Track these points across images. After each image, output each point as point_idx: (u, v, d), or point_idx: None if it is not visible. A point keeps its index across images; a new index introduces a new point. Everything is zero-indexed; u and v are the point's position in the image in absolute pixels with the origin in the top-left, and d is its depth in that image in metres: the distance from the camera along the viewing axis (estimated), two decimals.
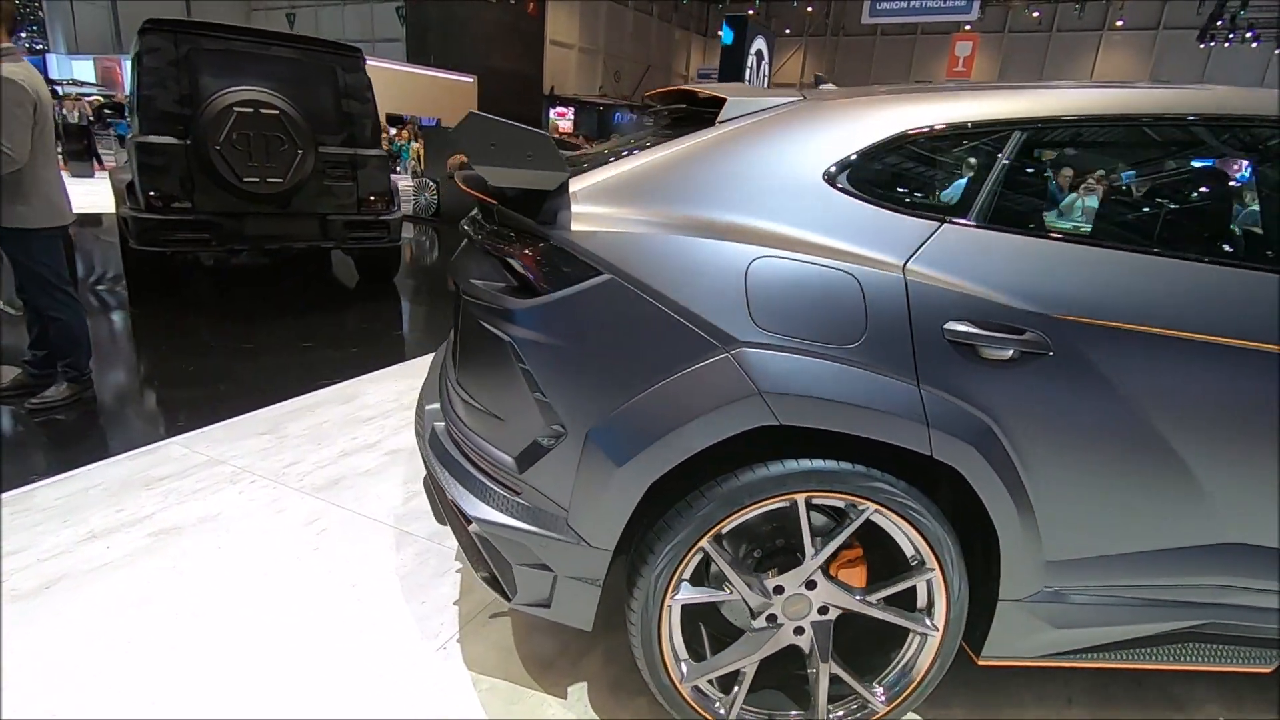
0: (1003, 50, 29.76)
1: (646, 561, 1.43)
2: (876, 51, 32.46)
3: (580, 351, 1.39)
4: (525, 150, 1.36)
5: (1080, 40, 28.88)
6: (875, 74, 32.49)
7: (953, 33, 26.91)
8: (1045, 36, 29.34)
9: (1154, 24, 27.50)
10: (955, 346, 1.36)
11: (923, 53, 31.63)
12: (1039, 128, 1.49)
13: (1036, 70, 29.61)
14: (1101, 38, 28.57)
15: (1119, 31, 28.19)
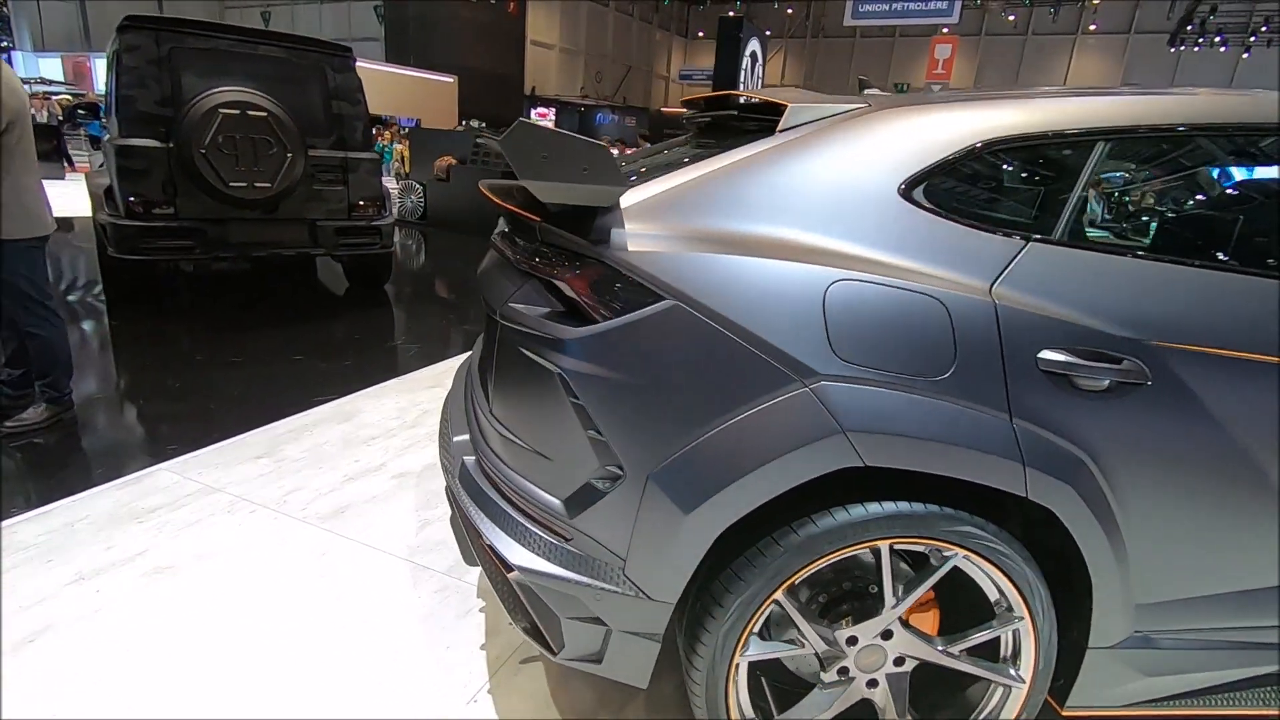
0: (979, 53, 30.10)
1: (713, 616, 1.30)
2: (856, 53, 32.67)
3: (641, 385, 1.26)
4: (580, 163, 1.23)
5: (1055, 44, 29.31)
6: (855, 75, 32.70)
7: (931, 35, 27.18)
8: (1020, 40, 29.73)
9: (1126, 28, 27.98)
10: (1049, 377, 1.25)
11: (902, 55, 31.91)
12: (1127, 137, 1.39)
13: (1012, 73, 29.98)
14: (1075, 41, 29.01)
15: (1092, 35, 28.64)
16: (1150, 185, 1.66)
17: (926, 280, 1.26)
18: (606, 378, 1.26)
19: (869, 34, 31.89)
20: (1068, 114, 1.38)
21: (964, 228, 1.32)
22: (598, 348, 1.26)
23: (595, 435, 1.29)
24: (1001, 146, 1.35)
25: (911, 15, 15.18)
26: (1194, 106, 1.40)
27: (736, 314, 1.23)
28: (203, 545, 2.20)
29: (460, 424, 1.74)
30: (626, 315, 1.25)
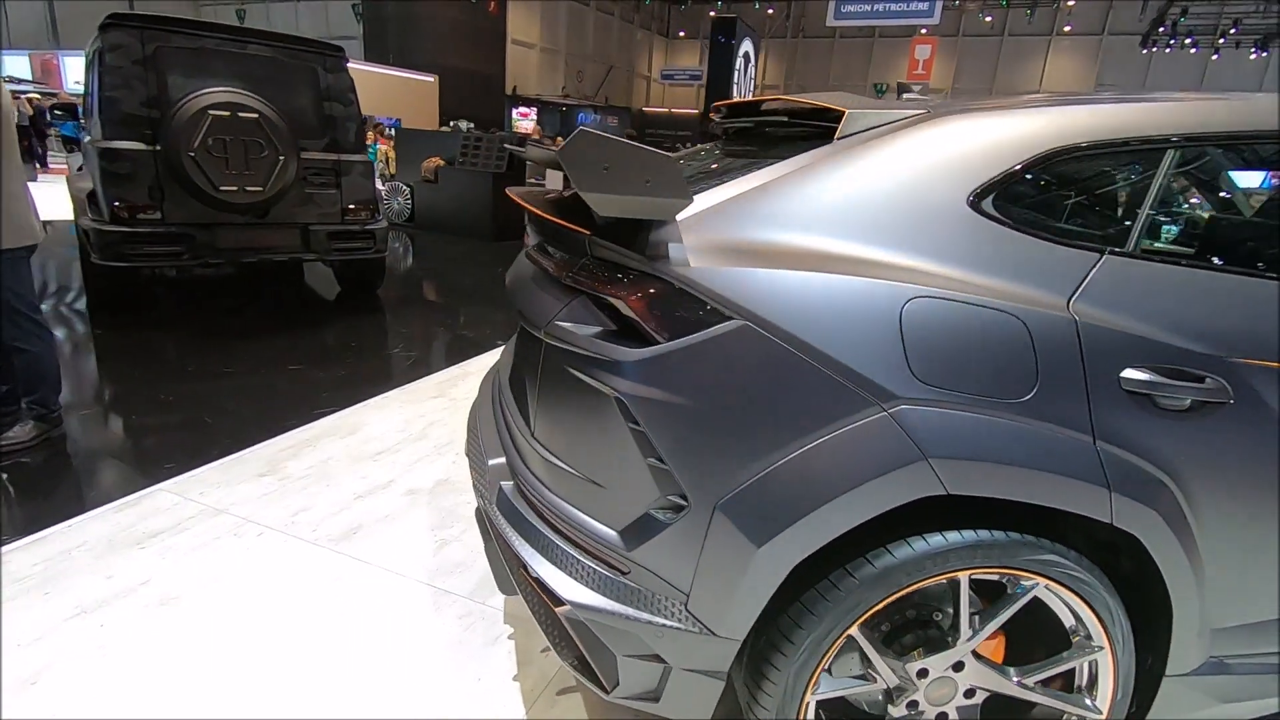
0: (957, 53, 30.39)
1: (783, 653, 1.24)
2: (836, 53, 32.84)
3: (707, 410, 1.18)
4: (645, 174, 1.15)
5: (1030, 44, 29.67)
6: (835, 75, 32.87)
7: (910, 35, 27.40)
8: (997, 41, 30.06)
9: (1099, 30, 28.40)
10: (1132, 397, 1.20)
11: (881, 55, 32.12)
12: (1204, 144, 1.34)
13: (990, 74, 30.31)
14: (1050, 42, 29.40)
15: (1067, 37, 29.04)
16: (1226, 195, 1.62)
17: (1000, 296, 1.20)
18: (670, 402, 1.19)
19: (848, 34, 32.08)
20: (1140, 119, 1.33)
21: (1036, 240, 1.26)
22: (660, 370, 1.19)
23: (656, 463, 1.21)
24: (1072, 154, 1.30)
25: (892, 16, 15.27)
26: (1268, 112, 1.36)
27: (809, 334, 1.16)
28: (210, 572, 2.09)
29: (494, 445, 1.66)
30: (692, 336, 1.18)
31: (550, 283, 1.44)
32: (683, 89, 33.23)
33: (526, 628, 1.95)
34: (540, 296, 1.46)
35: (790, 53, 33.34)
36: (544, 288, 1.46)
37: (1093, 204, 1.38)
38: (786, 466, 1.16)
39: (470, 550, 2.28)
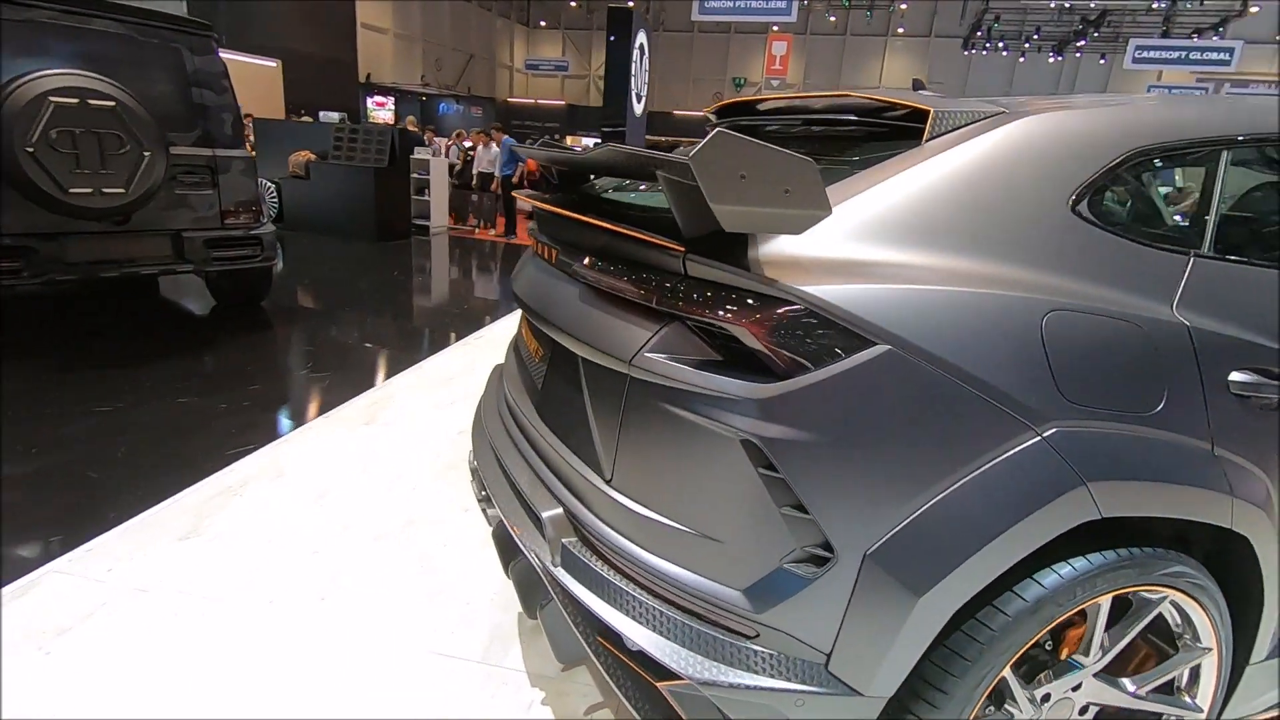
0: (806, 51, 32.10)
1: (932, 704, 1.14)
2: (695, 48, 33.63)
3: (853, 447, 1.06)
4: (784, 182, 0.99)
5: (870, 44, 31.88)
6: (695, 69, 33.66)
7: (763, 32, 28.56)
8: (841, 40, 32.07)
9: (927, 32, 31.02)
10: (1239, 400, 1.21)
11: (738, 50, 33.22)
12: (1265, 144, 1.38)
13: (836, 71, 32.21)
14: (886, 42, 31.76)
15: (900, 38, 31.49)
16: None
17: (1111, 304, 1.17)
18: (810, 442, 1.05)
19: (706, 29, 32.91)
20: (1203, 119, 1.35)
21: (1133, 244, 1.24)
22: (798, 406, 1.05)
23: (794, 512, 1.07)
24: (1153, 154, 1.29)
25: (753, 13, 15.77)
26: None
27: (957, 356, 1.07)
28: (145, 679, 1.69)
29: (540, 495, 1.43)
30: (833, 365, 1.04)
31: (621, 306, 1.25)
32: (548, 80, 32.69)
33: (559, 688, 1.74)
34: (606, 321, 1.26)
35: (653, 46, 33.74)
36: (610, 311, 1.26)
37: (1173, 205, 1.39)
38: (944, 503, 1.05)
39: (464, 604, 2.02)
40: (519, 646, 1.87)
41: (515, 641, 1.89)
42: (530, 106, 30.66)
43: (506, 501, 1.52)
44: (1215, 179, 1.33)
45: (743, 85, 31.72)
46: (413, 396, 3.60)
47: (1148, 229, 1.31)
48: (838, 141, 1.55)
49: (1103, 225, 1.23)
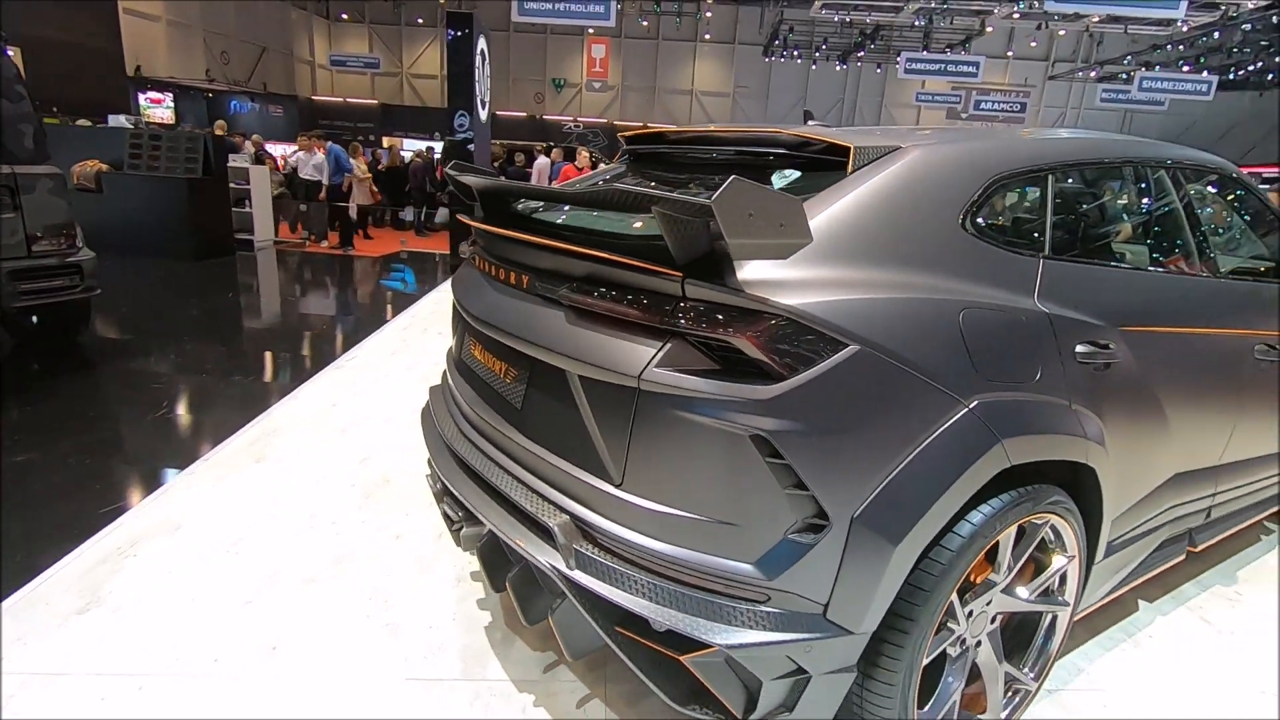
0: (621, 54, 33.04)
1: (905, 631, 1.41)
2: (512, 47, 33.34)
3: (839, 431, 1.29)
4: (779, 217, 1.19)
5: (680, 48, 33.48)
6: (513, 69, 33.41)
7: (579, 33, 29.04)
8: (654, 43, 33.38)
9: (731, 39, 33.21)
10: (1080, 364, 1.60)
11: (556, 51, 33.38)
12: (1086, 168, 1.85)
13: (651, 74, 33.44)
14: (695, 47, 33.55)
15: (708, 44, 33.42)
16: (1111, 208, 2.17)
17: (996, 300, 1.51)
18: (807, 431, 1.26)
19: (522, 29, 32.72)
20: (1049, 150, 1.76)
21: (1003, 251, 1.60)
22: (799, 402, 1.26)
23: (797, 491, 1.28)
24: (1008, 179, 1.66)
25: (573, 15, 16.02)
26: (1122, 145, 1.91)
27: (907, 350, 1.33)
28: None
29: (540, 506, 1.51)
30: (818, 366, 1.27)
31: (618, 326, 1.38)
32: (356, 77, 30.72)
33: (547, 687, 1.83)
34: (605, 342, 1.39)
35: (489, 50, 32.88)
36: (608, 331, 1.39)
37: (1024, 218, 1.77)
38: (908, 468, 1.32)
39: (427, 629, 2.03)
40: (495, 659, 1.93)
41: (491, 655, 1.94)
42: (339, 105, 28.75)
43: (499, 518, 1.59)
44: (1048, 196, 1.73)
45: (563, 86, 32.03)
46: (299, 428, 3.40)
47: (1011, 239, 1.67)
48: (761, 170, 1.79)
49: (982, 238, 1.57)
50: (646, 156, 2.25)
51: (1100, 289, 1.73)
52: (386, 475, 2.96)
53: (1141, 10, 12.93)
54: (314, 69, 31.79)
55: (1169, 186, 2.15)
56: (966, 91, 23.05)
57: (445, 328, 5.60)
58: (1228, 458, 2.19)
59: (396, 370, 4.40)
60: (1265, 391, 2.24)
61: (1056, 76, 27.02)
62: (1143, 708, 1.89)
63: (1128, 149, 2.06)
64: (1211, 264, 2.16)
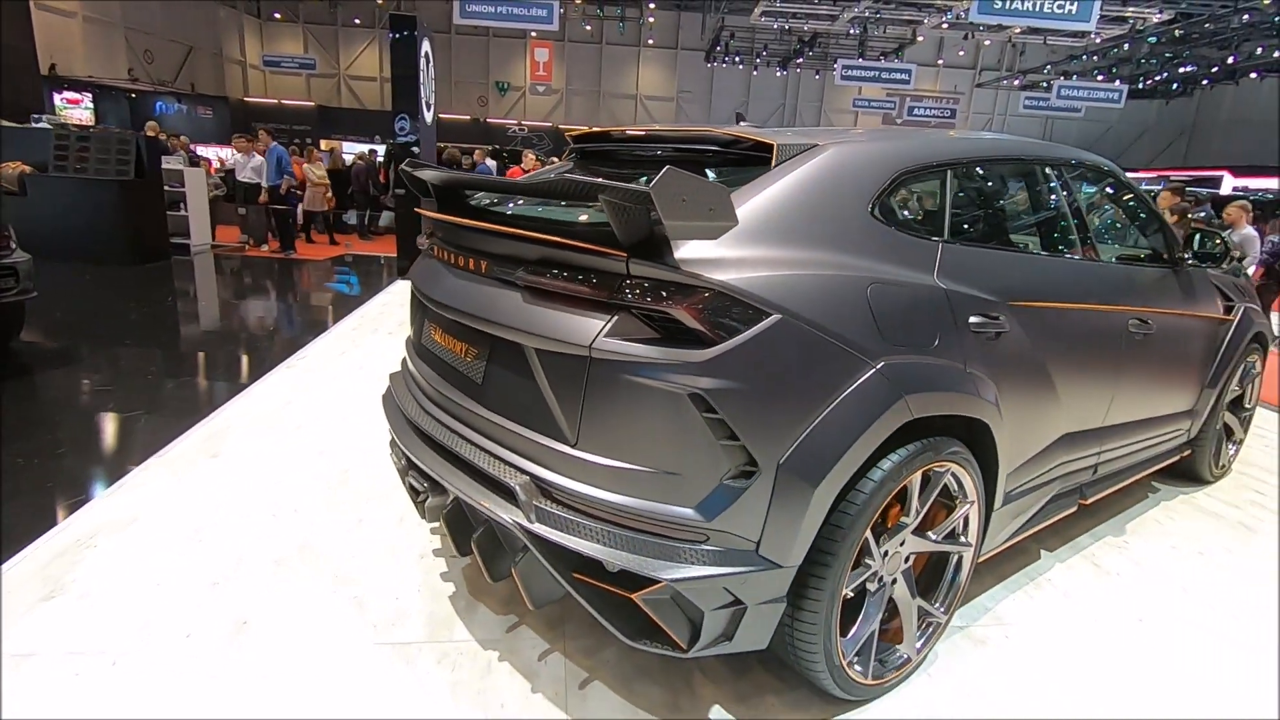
0: (565, 58, 33.11)
1: (827, 565, 1.61)
2: (455, 49, 33.03)
3: (765, 389, 1.48)
4: (709, 203, 1.38)
5: (624, 53, 33.76)
6: (456, 72, 33.12)
7: (522, 37, 29.01)
8: (597, 48, 33.56)
9: (674, 44, 33.66)
10: (974, 333, 1.84)
11: (499, 54, 33.22)
12: (981, 165, 2.11)
13: (595, 78, 33.61)
14: (639, 52, 33.88)
15: (651, 49, 33.78)
16: (1003, 199, 2.43)
17: (900, 277, 1.73)
18: (738, 389, 1.45)
19: (464, 31, 32.46)
20: (944, 149, 2.00)
21: (907, 235, 1.83)
22: (730, 364, 1.45)
23: (730, 442, 1.47)
24: (911, 174, 1.89)
25: (516, 19, 16.07)
26: (1014, 145, 2.17)
27: (823, 319, 1.54)
28: None
29: (503, 470, 1.66)
30: (746, 332, 1.46)
31: (570, 303, 1.54)
32: (291, 78, 29.92)
33: (510, 644, 1.98)
34: (558, 318, 1.55)
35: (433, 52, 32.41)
36: (561, 308, 1.55)
37: (925, 208, 2.01)
38: (825, 420, 1.52)
39: (393, 599, 2.15)
40: (460, 623, 2.06)
41: (456, 620, 2.07)
42: (274, 107, 28.00)
43: (464, 484, 1.73)
44: (946, 188, 1.98)
45: (506, 90, 31.90)
46: (253, 426, 3.43)
47: (913, 225, 1.90)
48: (696, 164, 1.98)
49: (890, 223, 1.79)
50: (593, 154, 2.42)
51: (991, 269, 1.98)
52: (345, 468, 3.03)
53: (1057, 23, 13.77)
54: (245, 69, 30.82)
55: (1054, 182, 2.44)
56: (900, 98, 24.02)
57: (395, 328, 5.64)
58: (1110, 420, 2.49)
59: (348, 370, 4.45)
60: (1140, 362, 2.55)
61: (984, 84, 28.37)
62: (1041, 638, 2.15)
63: (1018, 148, 2.34)
64: (1091, 249, 2.45)
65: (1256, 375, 3.51)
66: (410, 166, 2.17)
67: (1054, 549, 2.69)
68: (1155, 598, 2.42)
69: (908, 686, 1.91)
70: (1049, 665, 2.03)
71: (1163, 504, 3.19)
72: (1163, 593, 2.45)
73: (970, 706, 1.85)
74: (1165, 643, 2.17)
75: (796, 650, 1.69)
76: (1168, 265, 2.79)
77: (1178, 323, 2.77)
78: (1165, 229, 2.86)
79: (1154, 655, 2.11)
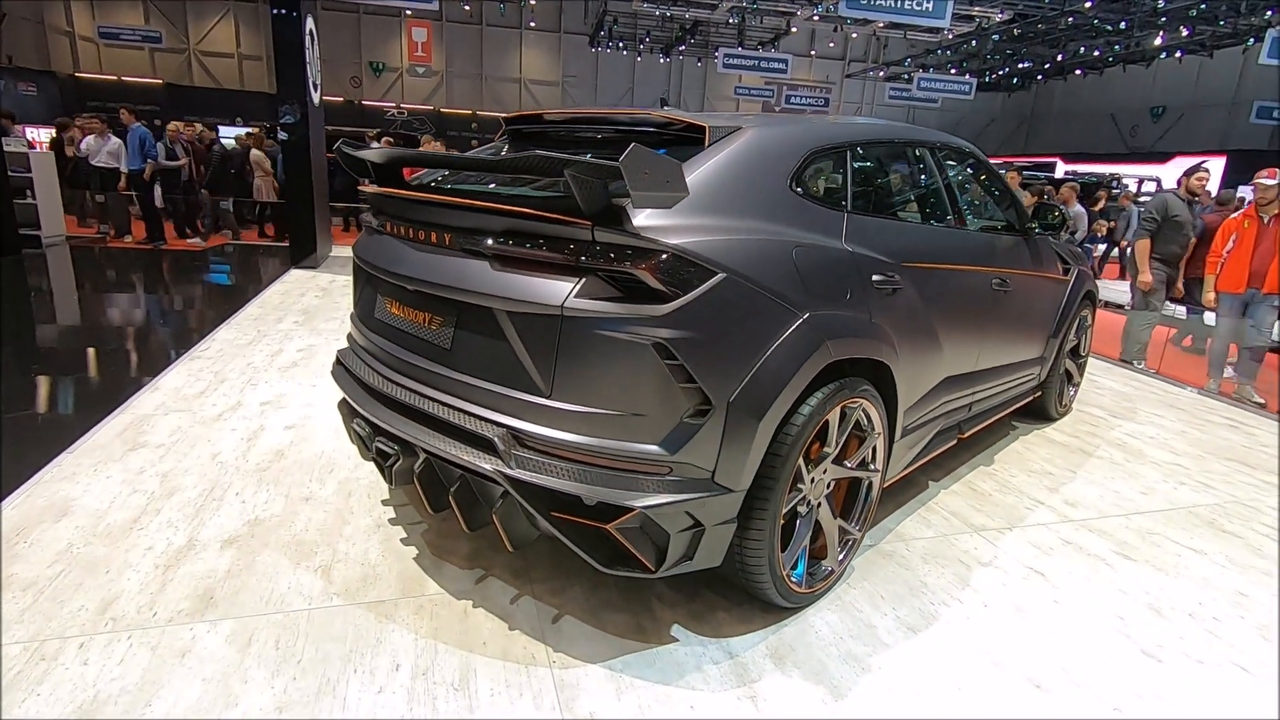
0: (444, 38, 32.02)
1: (769, 489, 1.88)
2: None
3: (715, 337, 1.73)
4: (665, 176, 1.59)
5: (506, 36, 33.07)
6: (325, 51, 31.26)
7: (396, 15, 27.81)
8: (478, 29, 32.68)
9: (556, 28, 33.35)
10: (876, 290, 2.17)
11: (372, 33, 31.67)
12: (875, 146, 2.44)
13: (477, 60, 32.72)
14: (521, 35, 33.32)
15: (534, 31, 33.31)
16: (892, 176, 2.77)
17: (816, 241, 2.03)
18: (694, 338, 1.69)
19: (331, 7, 30.67)
20: (848, 132, 2.32)
21: (819, 206, 2.12)
22: (685, 317, 1.68)
23: (689, 385, 1.70)
24: (821, 153, 2.19)
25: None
26: (900, 129, 2.51)
27: (760, 276, 1.80)
28: None
29: (479, 425, 1.81)
30: (699, 289, 1.69)
31: (538, 269, 1.71)
32: (133, 52, 27.11)
33: (482, 593, 2.13)
34: (529, 282, 1.72)
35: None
36: (531, 274, 1.72)
37: (835, 183, 2.31)
38: (766, 362, 1.79)
39: (362, 564, 2.23)
40: (430, 579, 2.18)
41: (425, 576, 2.19)
42: (113, 84, 25.39)
43: (440, 442, 1.86)
44: (848, 166, 2.29)
45: (382, 71, 30.53)
46: (171, 415, 3.31)
47: (824, 197, 2.20)
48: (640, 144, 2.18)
49: (805, 195, 2.08)
50: (527, 135, 2.56)
51: (886, 235, 2.32)
52: (279, 450, 3.02)
53: (917, 19, 14.97)
54: (75, 41, 27.59)
55: (932, 161, 2.84)
56: (778, 86, 25.15)
57: (300, 315, 5.47)
58: (980, 365, 2.94)
59: (260, 358, 4.31)
60: (1002, 315, 3.03)
61: (852, 75, 30.17)
62: (935, 548, 2.55)
63: (903, 132, 2.71)
64: (961, 219, 2.88)
65: (1088, 327, 4.17)
66: (350, 148, 2.23)
67: (938, 479, 3.14)
68: (1020, 509, 2.90)
69: (832, 593, 2.23)
70: (945, 568, 2.42)
71: (1020, 438, 3.76)
72: (1025, 504, 2.94)
73: (882, 606, 2.20)
74: (1035, 540, 2.63)
75: (745, 565, 1.95)
76: (1019, 233, 3.30)
77: (1029, 282, 3.28)
78: (1016, 203, 3.36)
79: (1027, 552, 2.56)
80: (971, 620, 2.16)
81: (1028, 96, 31.05)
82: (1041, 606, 2.25)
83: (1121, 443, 3.81)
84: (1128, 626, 2.18)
